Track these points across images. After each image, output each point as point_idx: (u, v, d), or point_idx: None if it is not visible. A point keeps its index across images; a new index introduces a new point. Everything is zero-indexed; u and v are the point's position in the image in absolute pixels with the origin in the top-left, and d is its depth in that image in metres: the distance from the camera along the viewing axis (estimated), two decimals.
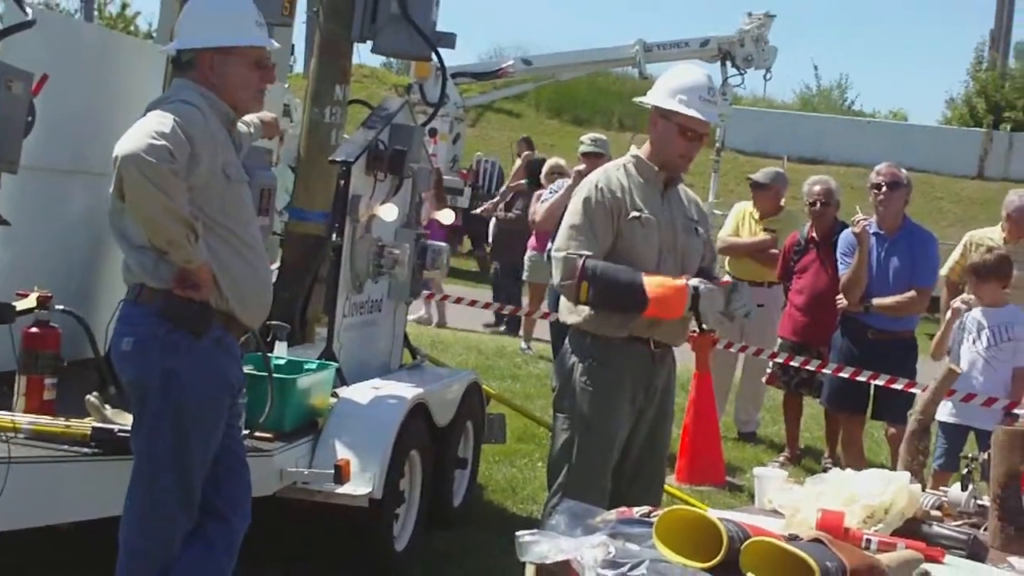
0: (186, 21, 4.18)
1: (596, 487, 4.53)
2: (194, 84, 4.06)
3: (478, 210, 14.62)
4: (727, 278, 5.22)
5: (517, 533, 2.90)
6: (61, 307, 4.67)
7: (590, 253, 4.54)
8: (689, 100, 4.62)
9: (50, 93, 5.00)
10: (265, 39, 4.18)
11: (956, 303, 6.77)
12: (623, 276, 4.52)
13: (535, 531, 2.92)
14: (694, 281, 4.54)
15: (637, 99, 4.93)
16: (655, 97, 4.73)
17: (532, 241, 12.26)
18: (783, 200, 9.61)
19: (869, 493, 3.34)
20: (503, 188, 15.68)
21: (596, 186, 4.65)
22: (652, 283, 4.50)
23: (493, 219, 14.87)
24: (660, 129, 4.72)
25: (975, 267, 6.76)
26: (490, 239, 14.32)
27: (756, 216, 9.32)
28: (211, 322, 3.98)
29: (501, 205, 15.03)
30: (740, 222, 9.45)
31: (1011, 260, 6.89)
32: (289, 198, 6.49)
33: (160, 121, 3.82)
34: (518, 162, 16.86)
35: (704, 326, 4.85)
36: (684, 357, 6.07)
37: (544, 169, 11.27)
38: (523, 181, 14.85)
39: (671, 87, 4.70)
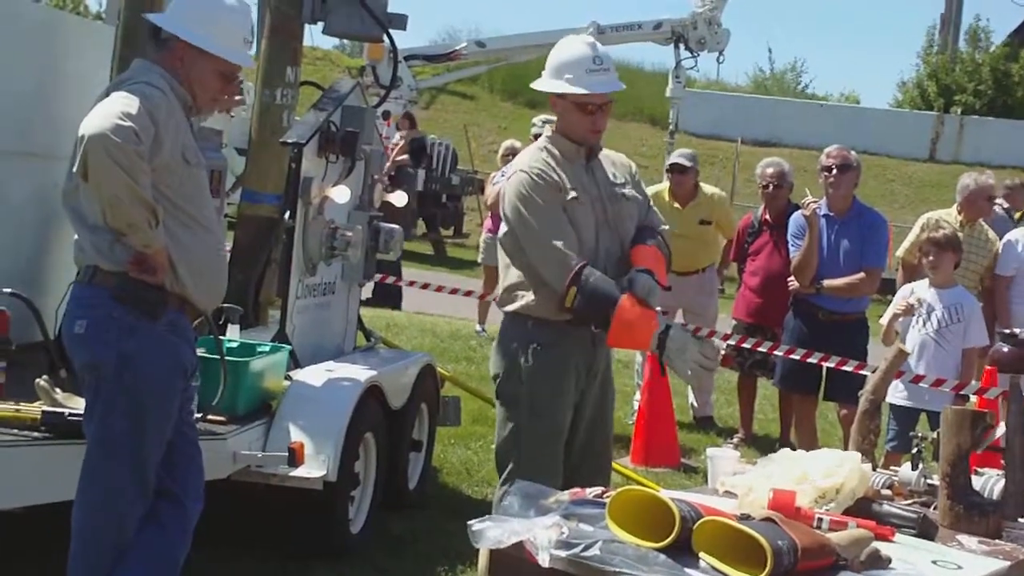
0: (182, 2, 4.14)
1: (548, 472, 4.47)
2: (158, 67, 4.03)
3: None
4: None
5: (469, 522, 2.89)
6: (9, 290, 4.62)
7: (583, 261, 4.41)
8: (576, 77, 4.53)
9: None
10: (245, 58, 4.14)
11: (912, 299, 6.82)
12: (607, 295, 4.38)
13: (486, 517, 2.92)
14: (673, 326, 4.35)
15: (533, 84, 4.81)
16: (545, 81, 4.63)
17: (488, 223, 12.26)
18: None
19: (821, 473, 3.36)
20: (387, 163, 15.82)
21: (532, 172, 4.53)
22: (621, 315, 4.34)
23: None
24: (560, 109, 4.64)
25: (935, 240, 6.84)
26: None
27: (676, 204, 8.94)
28: (166, 305, 3.97)
29: (385, 179, 15.14)
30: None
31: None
32: (235, 180, 6.43)
33: (126, 102, 3.79)
34: (397, 136, 16.88)
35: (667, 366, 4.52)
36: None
37: (500, 151, 11.29)
38: (405, 156, 15.10)
39: (555, 66, 4.61)
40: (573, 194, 4.54)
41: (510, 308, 4.65)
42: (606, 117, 4.64)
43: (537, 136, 8.86)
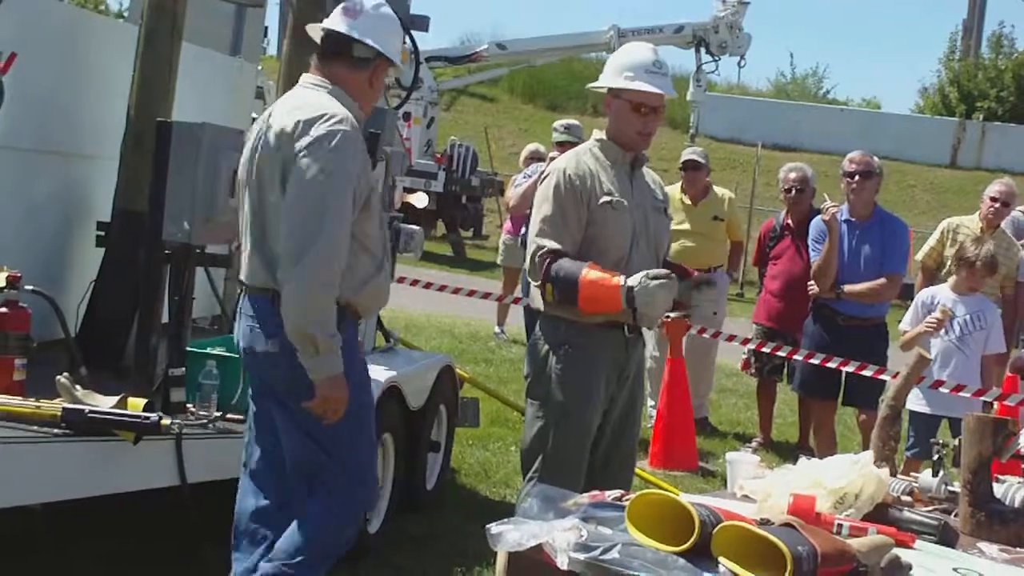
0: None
1: (571, 474, 4.48)
2: None
3: None
4: (696, 273, 4.88)
5: (488, 525, 2.88)
6: (31, 287, 4.63)
7: (559, 247, 4.49)
8: (635, 75, 4.63)
9: (18, 72, 4.94)
10: None
11: (937, 313, 6.75)
12: (572, 272, 4.45)
13: (505, 520, 2.91)
14: (632, 280, 4.36)
15: (590, 85, 4.94)
16: (604, 79, 4.74)
17: (507, 225, 12.26)
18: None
19: (834, 477, 3.34)
20: None
21: (564, 172, 4.60)
22: (586, 281, 4.41)
23: None
24: (614, 109, 4.72)
25: (969, 259, 6.82)
26: None
27: (688, 201, 9.08)
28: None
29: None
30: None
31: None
32: None
33: None
34: None
35: (643, 325, 4.68)
36: None
37: (523, 154, 11.31)
38: None
39: (617, 66, 4.72)
40: (608, 198, 4.57)
41: (542, 308, 4.66)
42: (657, 122, 4.71)
43: (560, 143, 8.92)
